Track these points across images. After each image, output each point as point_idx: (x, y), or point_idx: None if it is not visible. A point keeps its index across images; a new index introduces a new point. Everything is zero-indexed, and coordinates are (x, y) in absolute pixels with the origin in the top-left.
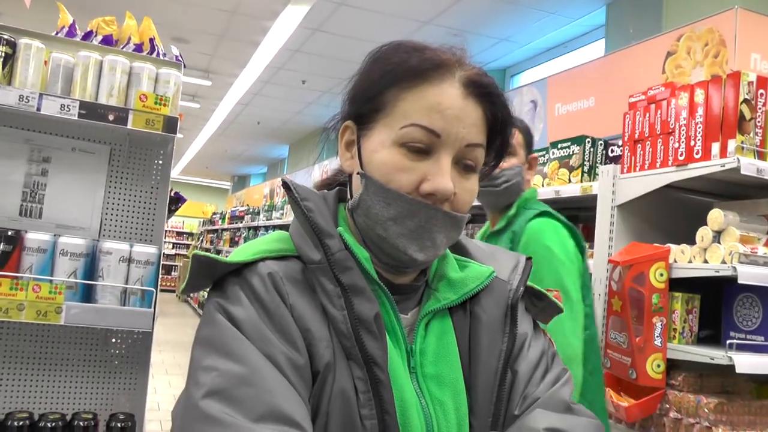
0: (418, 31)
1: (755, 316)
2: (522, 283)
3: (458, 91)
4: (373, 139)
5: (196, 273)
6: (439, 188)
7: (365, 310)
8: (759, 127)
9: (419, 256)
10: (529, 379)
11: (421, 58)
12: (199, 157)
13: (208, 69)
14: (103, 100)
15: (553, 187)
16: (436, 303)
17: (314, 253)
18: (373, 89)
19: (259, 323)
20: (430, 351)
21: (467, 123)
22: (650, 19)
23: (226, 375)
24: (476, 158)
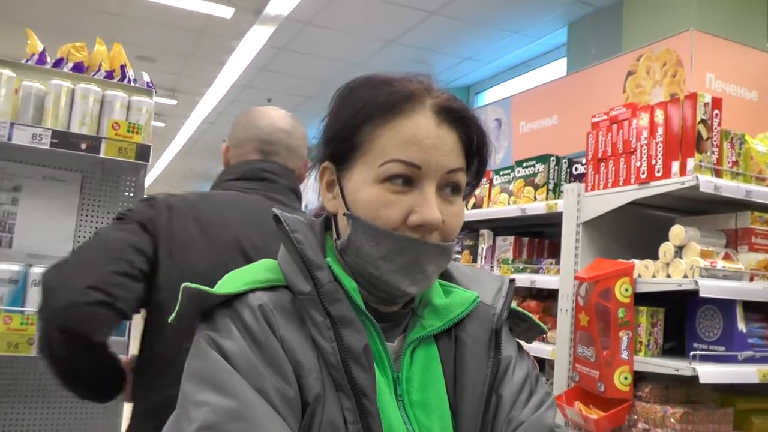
0: (382, 51)
1: (716, 327)
2: (506, 307)
3: (431, 119)
4: (354, 179)
5: (186, 304)
6: (428, 219)
7: (354, 341)
8: (715, 146)
9: (412, 290)
10: (513, 403)
11: (390, 92)
12: (164, 176)
13: (173, 88)
14: (76, 129)
15: (519, 205)
16: (422, 330)
17: (304, 284)
18: (347, 129)
19: (250, 356)
20: (416, 378)
21: (445, 150)
22: (611, 39)
23: (217, 410)
24: (459, 181)
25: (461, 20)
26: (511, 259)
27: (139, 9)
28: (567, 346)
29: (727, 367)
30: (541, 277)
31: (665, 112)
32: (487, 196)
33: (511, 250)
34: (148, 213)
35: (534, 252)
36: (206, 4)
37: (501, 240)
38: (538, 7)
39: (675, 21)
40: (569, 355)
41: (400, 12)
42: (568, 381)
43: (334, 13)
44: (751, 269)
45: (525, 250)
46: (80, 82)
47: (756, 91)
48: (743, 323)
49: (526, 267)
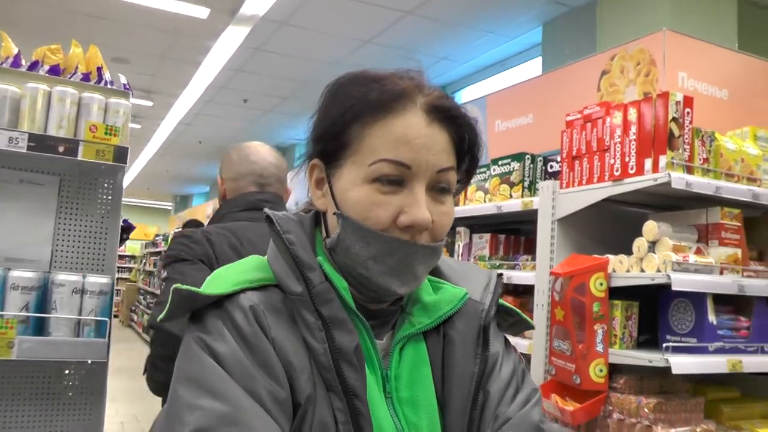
0: (358, 50)
1: (688, 319)
2: (494, 303)
3: (422, 118)
4: (343, 178)
5: (177, 306)
6: (417, 220)
7: (346, 342)
8: (687, 144)
9: (402, 291)
10: (500, 399)
11: (381, 90)
12: (140, 177)
13: (149, 89)
14: (53, 132)
15: (495, 202)
16: (411, 328)
17: (295, 285)
18: (336, 127)
19: (242, 358)
20: (404, 376)
21: (436, 149)
22: (585, 39)
23: (210, 414)
24: (449, 181)
25: (437, 20)
26: (487, 256)
27: (114, 10)
28: (543, 340)
29: (699, 358)
30: (517, 273)
31: (638, 110)
32: (464, 194)
33: (488, 247)
34: (200, 249)
35: (510, 249)
36: (181, 5)
37: (477, 237)
38: (513, 6)
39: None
40: (545, 349)
41: (375, 12)
42: (544, 374)
43: (309, 13)
44: (721, 263)
45: (501, 247)
46: (56, 84)
47: (726, 89)
48: (714, 315)
49: (502, 263)
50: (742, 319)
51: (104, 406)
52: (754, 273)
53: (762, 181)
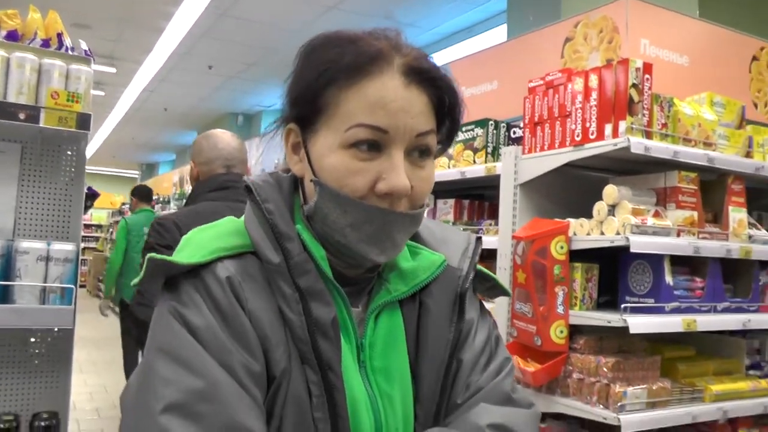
0: (323, 16)
1: (647, 281)
2: (471, 269)
3: (399, 81)
4: (319, 143)
5: (151, 275)
6: (395, 187)
7: (323, 314)
8: (646, 109)
9: (381, 259)
10: (473, 367)
11: (356, 52)
12: (106, 146)
13: (112, 55)
14: (13, 99)
15: (459, 168)
16: (387, 295)
17: (273, 255)
18: (310, 91)
19: (217, 331)
20: (379, 344)
21: (414, 112)
22: (549, 6)
23: (185, 390)
24: (429, 144)
25: None
26: (452, 221)
27: None
28: (506, 302)
29: (655, 318)
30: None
31: (599, 77)
32: None
33: (452, 213)
34: (169, 236)
35: (474, 214)
36: None
37: (442, 203)
38: None
39: None
40: (508, 312)
41: None
42: (507, 337)
43: None
44: (678, 225)
45: (465, 212)
46: (15, 50)
47: (687, 56)
48: (670, 276)
49: (466, 228)
50: (697, 280)
51: (71, 374)
52: (709, 235)
53: (717, 145)
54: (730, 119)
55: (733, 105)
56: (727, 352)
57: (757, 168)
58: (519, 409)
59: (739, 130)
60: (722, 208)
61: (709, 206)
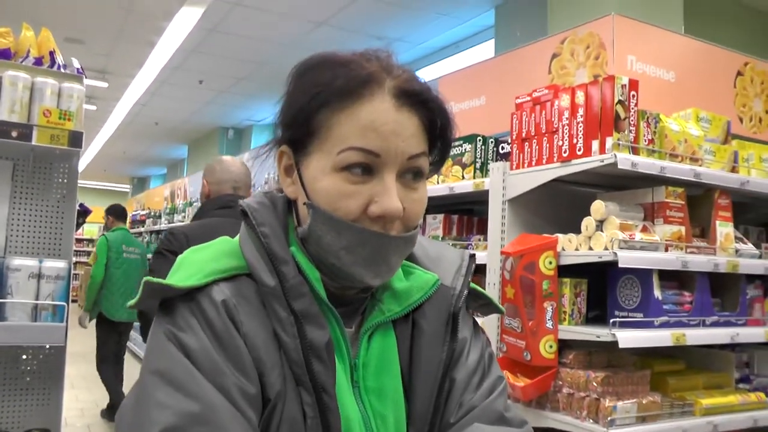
0: (313, 32)
1: (635, 295)
2: (465, 287)
3: (390, 103)
4: (312, 166)
5: (146, 298)
6: (388, 210)
7: (317, 337)
8: (632, 125)
9: (375, 282)
10: (466, 386)
11: (348, 75)
12: (97, 160)
13: (104, 70)
14: (5, 117)
15: (448, 183)
16: (380, 316)
17: (269, 278)
18: (303, 114)
19: (213, 354)
20: (372, 364)
21: (405, 135)
22: (536, 22)
23: (180, 413)
24: (421, 167)
25: (390, 2)
26: (441, 237)
27: None
28: (495, 318)
29: (644, 333)
30: None
31: (585, 93)
32: None
33: (441, 228)
34: (176, 243)
35: (463, 229)
36: None
37: (431, 218)
38: None
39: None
40: (497, 327)
41: None
42: (497, 351)
43: None
44: (666, 240)
45: (455, 227)
46: (8, 69)
47: (673, 71)
48: (659, 291)
49: (455, 244)
50: (685, 294)
51: (62, 391)
52: (697, 249)
53: (703, 160)
54: (715, 134)
55: (719, 120)
56: (717, 366)
57: (743, 182)
58: (512, 429)
59: (725, 145)
60: (709, 222)
61: (697, 221)
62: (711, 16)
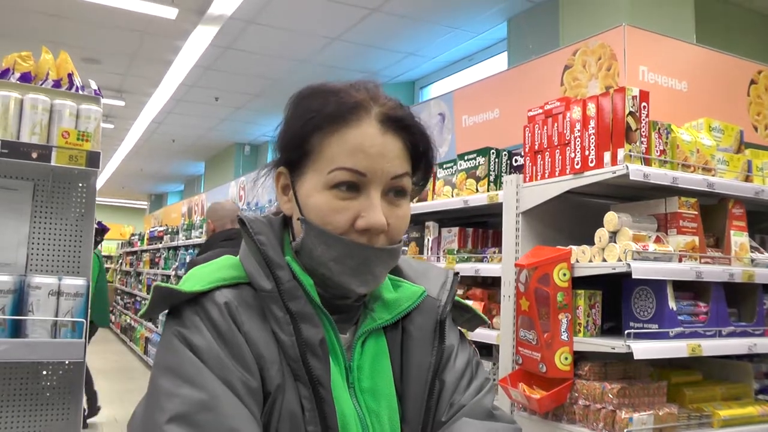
0: (326, 48)
1: (650, 306)
2: (450, 300)
3: (376, 128)
4: (305, 185)
5: (157, 302)
6: (373, 224)
7: (312, 335)
8: (643, 136)
9: (362, 290)
10: (455, 388)
11: (337, 102)
12: (115, 177)
13: (120, 89)
14: (26, 138)
15: (462, 197)
16: (372, 323)
17: (266, 282)
18: (297, 138)
19: (217, 350)
20: (366, 367)
21: (390, 157)
22: (548, 34)
23: (188, 401)
24: (404, 186)
25: (403, 16)
26: (456, 249)
27: (83, 11)
28: (510, 330)
29: (659, 344)
30: (484, 265)
31: (596, 105)
32: (432, 189)
33: (456, 241)
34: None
35: (478, 242)
36: (150, 5)
37: (446, 231)
38: (477, 3)
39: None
40: (513, 340)
41: (342, 9)
42: (512, 364)
43: (276, 12)
44: (680, 251)
45: (469, 240)
46: (28, 92)
47: (685, 81)
48: (674, 302)
49: (470, 256)
50: (700, 305)
51: (81, 406)
52: (711, 260)
53: (716, 170)
54: (728, 144)
55: (731, 130)
56: (735, 377)
57: (757, 192)
58: (501, 424)
59: (738, 155)
60: (724, 232)
61: (711, 231)
62: (723, 24)
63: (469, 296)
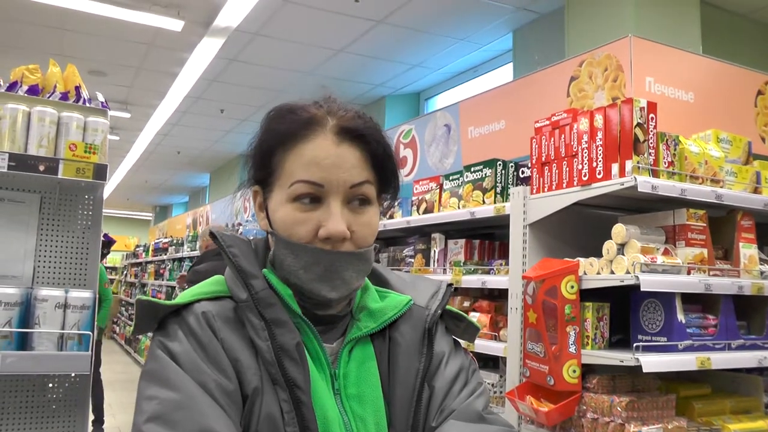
0: (331, 59)
1: (658, 319)
2: (440, 308)
3: (330, 141)
4: (273, 200)
5: (141, 316)
6: (332, 232)
7: (287, 340)
8: (651, 148)
9: (333, 295)
10: (446, 393)
11: (292, 120)
12: (120, 189)
13: (126, 101)
14: (33, 151)
15: (469, 208)
16: (358, 332)
17: (241, 292)
18: (261, 156)
19: (194, 355)
20: (352, 374)
21: (346, 167)
22: (554, 45)
23: (164, 402)
24: (365, 194)
25: (408, 28)
26: (462, 261)
27: (89, 24)
28: (518, 343)
29: (668, 357)
30: (491, 277)
31: (604, 116)
32: (438, 200)
33: (463, 253)
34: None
35: (485, 253)
36: (156, 18)
37: (452, 243)
38: (483, 14)
39: (614, 27)
40: (520, 352)
41: (347, 21)
42: (520, 377)
43: (282, 24)
44: (688, 263)
45: (476, 252)
46: (36, 104)
47: (692, 92)
48: (682, 314)
49: (477, 268)
50: (709, 317)
51: (88, 418)
52: (720, 272)
53: (725, 182)
54: (736, 155)
55: (740, 141)
56: (745, 390)
57: (766, 203)
58: (489, 426)
59: (747, 166)
60: (732, 244)
61: (719, 243)
62: (729, 35)
63: (475, 308)
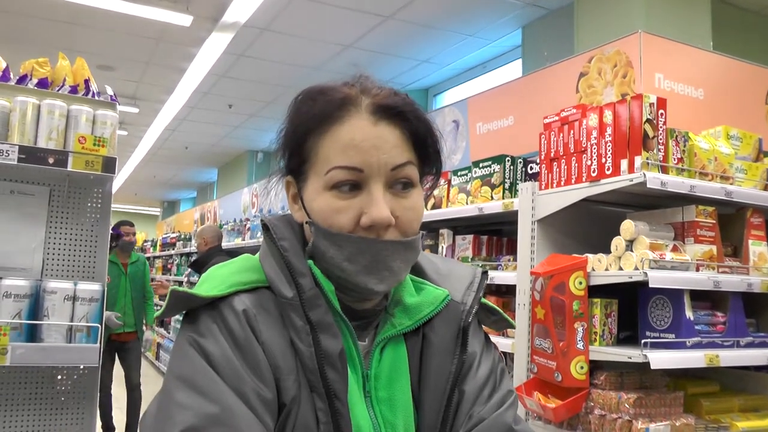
0: (339, 55)
1: (667, 316)
2: (476, 302)
3: (367, 120)
4: (309, 189)
5: (172, 306)
6: (376, 219)
7: (331, 346)
8: (661, 144)
9: (380, 288)
10: (475, 399)
11: (324, 101)
12: (128, 183)
13: (134, 96)
14: (43, 144)
15: (477, 204)
16: (392, 329)
17: (287, 290)
18: (294, 144)
19: (232, 359)
20: (383, 375)
21: (386, 148)
22: (563, 41)
23: (199, 414)
24: (408, 176)
25: (416, 24)
26: (470, 257)
27: (98, 18)
28: (525, 339)
29: (676, 353)
30: (499, 273)
31: (613, 112)
32: (446, 196)
33: (471, 248)
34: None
35: (493, 249)
36: (165, 13)
37: (460, 239)
38: (492, 10)
39: (624, 23)
40: (528, 348)
41: (356, 17)
42: (527, 372)
43: (290, 19)
44: (697, 260)
45: (484, 247)
46: (45, 97)
47: (702, 89)
48: (691, 311)
49: (485, 264)
50: (718, 315)
51: (96, 410)
52: (729, 269)
53: (734, 179)
54: (746, 152)
55: (750, 138)
56: (754, 388)
57: None
58: None
59: (757, 163)
60: (742, 241)
61: (729, 240)
62: (740, 31)
63: None
